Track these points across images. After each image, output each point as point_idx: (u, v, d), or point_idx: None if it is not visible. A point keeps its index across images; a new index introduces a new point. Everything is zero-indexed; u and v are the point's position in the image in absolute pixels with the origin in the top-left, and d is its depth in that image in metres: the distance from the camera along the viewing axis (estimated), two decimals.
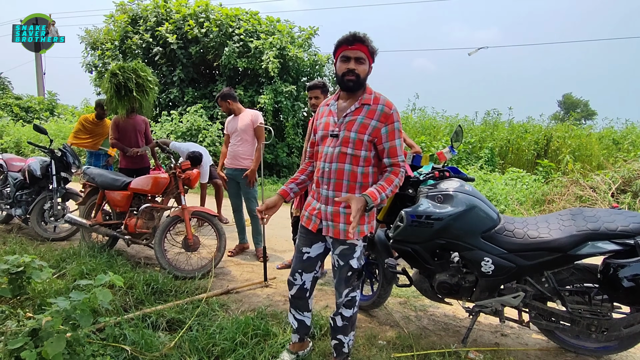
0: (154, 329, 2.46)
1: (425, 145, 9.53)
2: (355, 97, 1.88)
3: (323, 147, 1.92)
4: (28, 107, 17.15)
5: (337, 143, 1.85)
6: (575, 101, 35.11)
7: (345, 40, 1.80)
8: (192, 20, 10.14)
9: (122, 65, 4.44)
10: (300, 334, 2.19)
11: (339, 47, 1.83)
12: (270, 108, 9.33)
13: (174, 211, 3.65)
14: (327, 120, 1.93)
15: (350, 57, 1.80)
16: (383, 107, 1.82)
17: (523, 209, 6.39)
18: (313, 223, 1.96)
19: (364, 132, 1.81)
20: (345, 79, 1.81)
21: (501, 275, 2.19)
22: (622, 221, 2.01)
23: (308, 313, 2.17)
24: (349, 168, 1.85)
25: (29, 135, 12.26)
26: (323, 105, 2.03)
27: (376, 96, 1.86)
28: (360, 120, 1.83)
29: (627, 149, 9.04)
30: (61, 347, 1.67)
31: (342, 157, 1.85)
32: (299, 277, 2.06)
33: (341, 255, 1.92)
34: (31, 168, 4.49)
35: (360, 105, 1.85)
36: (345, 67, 1.80)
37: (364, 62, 1.81)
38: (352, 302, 1.99)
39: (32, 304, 2.60)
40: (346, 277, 1.95)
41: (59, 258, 3.57)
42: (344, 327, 2.02)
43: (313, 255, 2.03)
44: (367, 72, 1.84)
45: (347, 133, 1.83)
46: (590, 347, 2.33)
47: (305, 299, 2.12)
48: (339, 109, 1.91)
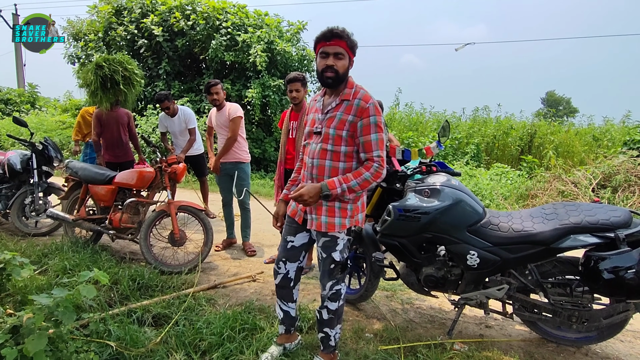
0: (140, 324, 2.43)
1: (412, 141, 9.60)
2: (337, 92, 1.89)
3: (308, 142, 1.98)
4: (8, 100, 16.64)
5: (319, 140, 1.89)
6: (558, 98, 35.81)
7: (323, 37, 1.80)
8: (178, 12, 9.95)
9: (107, 57, 4.34)
10: (286, 325, 2.20)
11: (317, 43, 1.83)
12: (258, 102, 9.24)
13: (160, 205, 3.60)
14: (314, 117, 1.97)
15: (329, 52, 1.80)
16: (359, 101, 1.82)
17: (507, 204, 6.50)
18: (298, 215, 2.00)
19: (342, 127, 1.83)
20: (324, 75, 1.81)
21: (486, 268, 2.22)
22: (603, 215, 2.06)
23: (293, 304, 2.18)
24: (329, 164, 1.88)
25: (8, 128, 11.90)
26: (313, 100, 2.05)
27: (356, 90, 1.86)
28: (339, 116, 1.84)
29: (606, 145, 9.27)
30: (43, 344, 1.63)
31: (322, 153, 1.88)
32: (282, 265, 2.07)
33: (324, 247, 1.96)
34: (11, 162, 4.37)
35: (340, 102, 1.86)
36: (324, 63, 1.80)
37: (343, 57, 1.81)
38: (337, 295, 2.01)
39: (12, 300, 2.55)
40: (329, 270, 1.97)
41: (41, 254, 3.49)
42: (330, 320, 2.03)
43: (297, 244, 2.05)
44: (347, 67, 1.84)
45: (326, 129, 1.86)
46: (571, 337, 2.39)
47: (289, 288, 2.12)
48: (323, 105, 1.93)
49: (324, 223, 1.90)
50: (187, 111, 4.77)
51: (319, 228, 1.91)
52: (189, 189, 7.13)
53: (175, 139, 4.87)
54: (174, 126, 4.75)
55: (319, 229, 1.92)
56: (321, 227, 1.90)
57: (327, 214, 1.89)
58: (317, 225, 1.91)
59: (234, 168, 3.95)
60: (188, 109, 4.83)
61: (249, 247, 4.09)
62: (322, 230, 1.91)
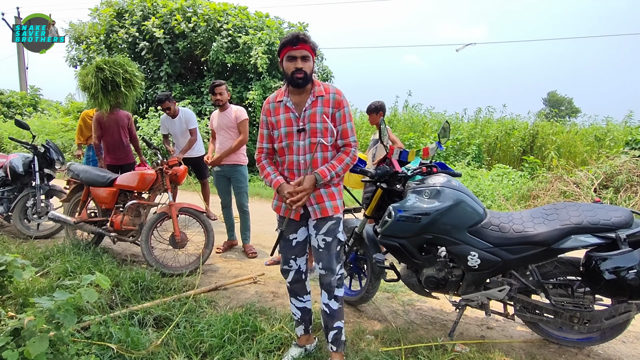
0: (141, 326, 2.43)
1: (413, 142, 9.59)
2: (305, 91, 2.01)
3: (290, 141, 2.02)
4: (10, 103, 16.71)
5: (306, 136, 1.99)
6: (559, 99, 35.73)
7: (290, 42, 1.91)
8: (179, 14, 9.98)
9: (107, 59, 4.36)
10: (304, 324, 2.24)
11: (283, 48, 1.94)
12: (259, 104, 9.25)
13: (161, 208, 3.60)
14: (287, 117, 2.02)
15: (297, 56, 1.92)
16: (334, 95, 2.00)
17: (509, 205, 6.48)
18: (295, 212, 2.03)
19: (327, 120, 1.98)
20: (294, 76, 1.93)
21: (487, 269, 2.22)
22: (604, 215, 2.05)
23: (308, 296, 2.24)
24: (321, 156, 2.01)
25: (10, 131, 11.95)
26: (273, 102, 2.08)
27: (325, 87, 2.02)
28: (320, 110, 1.98)
29: (608, 146, 9.23)
30: (44, 346, 1.64)
31: (313, 147, 1.99)
32: (293, 262, 2.15)
33: (329, 231, 2.04)
34: (13, 164, 4.39)
35: (315, 98, 1.99)
36: (293, 66, 1.92)
37: (309, 59, 1.95)
38: (342, 279, 2.14)
39: (14, 303, 2.55)
40: (336, 252, 2.08)
41: (43, 256, 3.50)
42: (339, 310, 2.12)
43: (301, 239, 2.13)
44: (312, 68, 1.98)
45: (312, 125, 1.98)
46: (572, 338, 2.38)
47: (302, 281, 2.19)
48: (295, 104, 2.01)
49: (329, 207, 2.02)
50: (187, 112, 4.80)
51: (326, 213, 2.01)
52: (190, 191, 7.16)
53: (176, 140, 4.89)
54: (175, 127, 4.78)
55: (326, 215, 2.01)
56: (328, 211, 2.01)
57: (329, 199, 2.02)
58: (322, 212, 2.01)
59: (231, 171, 3.95)
60: (188, 110, 4.86)
61: (249, 249, 4.09)
62: (329, 214, 2.02)
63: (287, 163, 2.07)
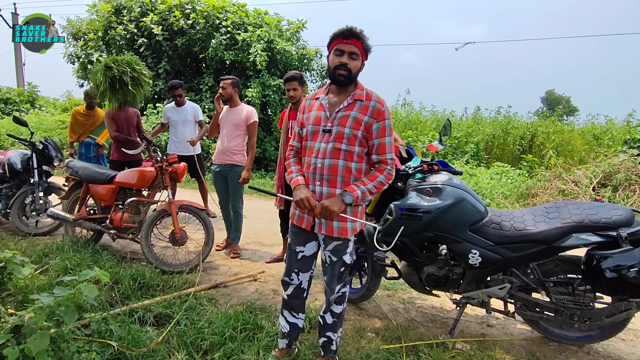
0: (141, 324, 2.43)
1: (412, 140, 9.59)
2: (346, 92, 1.85)
3: (314, 142, 1.87)
4: (7, 99, 16.62)
5: (331, 139, 1.82)
6: (557, 97, 35.79)
7: (341, 34, 1.77)
8: (178, 11, 9.93)
9: (115, 58, 4.38)
10: (290, 339, 2.13)
11: (334, 39, 1.80)
12: (258, 102, 9.23)
13: (161, 205, 3.59)
14: (318, 115, 1.87)
15: (345, 51, 1.78)
16: (376, 103, 1.81)
17: (508, 203, 6.50)
18: (306, 221, 1.92)
19: (358, 127, 1.79)
20: (337, 72, 1.79)
21: (488, 267, 2.22)
22: (605, 213, 2.06)
23: (302, 315, 2.12)
24: (342, 164, 1.82)
25: (8, 127, 11.88)
26: (310, 99, 1.97)
27: (368, 92, 1.85)
28: (353, 115, 1.80)
29: (607, 144, 9.26)
30: (45, 343, 1.63)
31: (335, 152, 1.82)
32: (295, 276, 2.01)
33: (334, 251, 1.91)
34: (11, 161, 4.36)
35: (352, 101, 1.82)
36: (338, 60, 1.78)
37: (357, 57, 1.80)
38: (343, 298, 1.99)
39: (14, 300, 2.54)
40: (339, 273, 1.94)
41: (42, 253, 3.48)
42: (334, 324, 2.01)
43: (308, 254, 1.99)
44: (359, 68, 1.82)
45: (340, 128, 1.80)
46: (573, 336, 2.39)
47: (302, 298, 2.07)
48: (330, 104, 1.87)
49: (336, 228, 1.86)
50: (194, 105, 5.05)
51: (331, 233, 1.87)
52: (189, 189, 7.15)
53: (174, 129, 4.93)
54: (179, 115, 4.89)
55: (330, 234, 1.87)
56: (333, 232, 1.86)
57: (338, 219, 1.85)
58: (328, 230, 1.86)
59: (228, 171, 3.93)
60: (194, 103, 5.09)
61: (233, 249, 4.06)
62: (334, 235, 1.87)
63: (304, 165, 1.93)
